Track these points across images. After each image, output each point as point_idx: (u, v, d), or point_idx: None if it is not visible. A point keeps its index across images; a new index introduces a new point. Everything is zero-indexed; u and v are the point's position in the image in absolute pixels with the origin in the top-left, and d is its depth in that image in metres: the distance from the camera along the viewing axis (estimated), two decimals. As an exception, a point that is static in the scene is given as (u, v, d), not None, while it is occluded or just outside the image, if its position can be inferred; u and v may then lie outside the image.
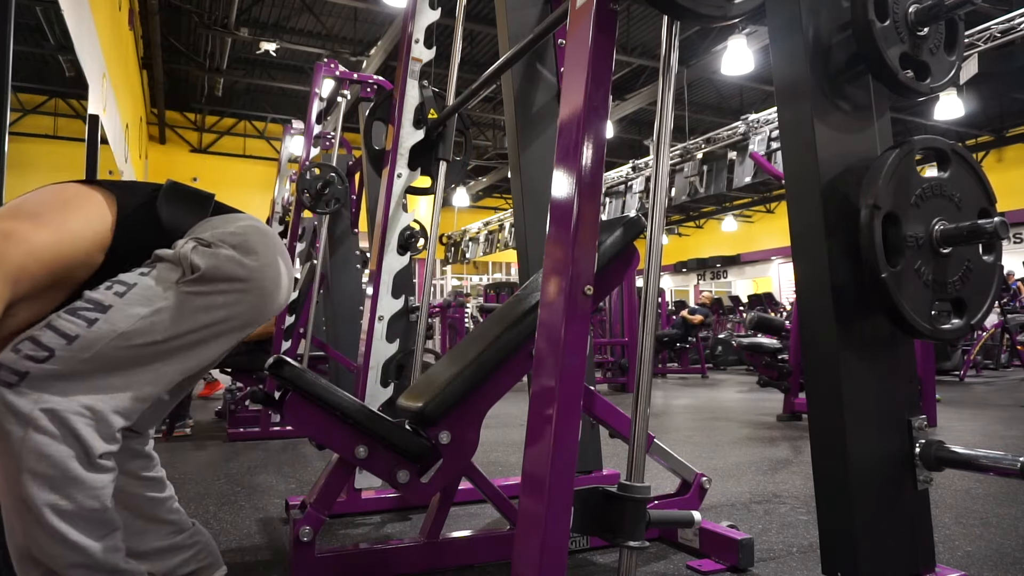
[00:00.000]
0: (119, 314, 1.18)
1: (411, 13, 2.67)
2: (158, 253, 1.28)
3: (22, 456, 1.09)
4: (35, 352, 1.12)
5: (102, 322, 1.17)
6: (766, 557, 1.78)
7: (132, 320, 1.19)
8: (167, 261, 1.27)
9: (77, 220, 1.24)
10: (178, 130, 14.69)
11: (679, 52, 1.22)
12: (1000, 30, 7.62)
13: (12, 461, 1.10)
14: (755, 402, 5.90)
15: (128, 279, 1.23)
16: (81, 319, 1.16)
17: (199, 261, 1.25)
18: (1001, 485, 2.53)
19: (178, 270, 1.25)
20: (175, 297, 1.23)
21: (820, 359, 1.35)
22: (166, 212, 1.36)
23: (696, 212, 19.82)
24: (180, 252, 1.26)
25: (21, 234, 1.15)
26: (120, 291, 1.21)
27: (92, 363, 1.15)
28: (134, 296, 1.21)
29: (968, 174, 1.40)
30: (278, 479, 2.85)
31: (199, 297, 1.25)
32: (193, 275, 1.24)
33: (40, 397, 1.11)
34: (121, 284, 1.22)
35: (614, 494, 1.11)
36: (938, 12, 1.35)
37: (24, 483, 1.09)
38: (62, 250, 1.21)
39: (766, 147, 9.45)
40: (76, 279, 1.25)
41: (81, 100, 5.97)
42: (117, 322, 1.18)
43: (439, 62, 2.96)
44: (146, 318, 1.20)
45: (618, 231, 1.55)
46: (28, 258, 1.14)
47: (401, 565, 1.68)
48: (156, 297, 1.22)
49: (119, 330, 1.17)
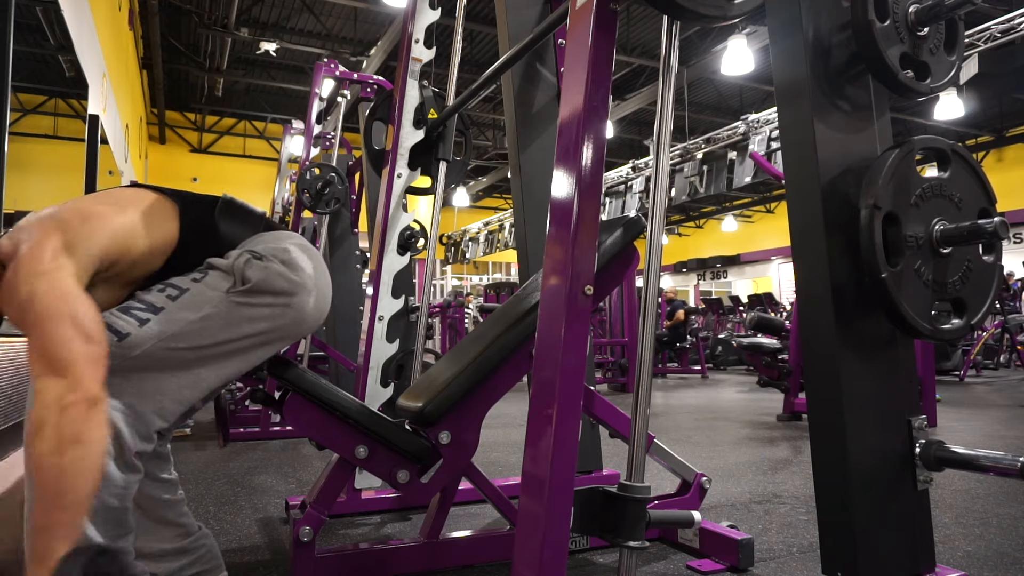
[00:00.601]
0: (169, 317, 1.22)
1: (411, 13, 2.68)
2: (211, 262, 1.32)
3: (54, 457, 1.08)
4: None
5: (153, 323, 1.20)
6: (766, 557, 1.78)
7: (181, 324, 1.22)
8: (219, 270, 1.31)
9: (151, 220, 1.30)
10: (178, 130, 14.68)
11: (679, 52, 1.22)
12: (1000, 30, 7.62)
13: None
14: (755, 402, 5.90)
15: (180, 283, 1.27)
16: (133, 318, 1.20)
17: (251, 273, 1.29)
18: (1001, 485, 2.53)
19: (229, 280, 1.30)
20: (224, 305, 1.27)
21: (820, 359, 1.35)
22: (223, 225, 1.40)
23: (696, 212, 19.82)
24: (234, 264, 1.30)
25: (108, 216, 1.23)
26: (172, 295, 1.25)
27: (138, 362, 1.18)
28: (185, 301, 1.25)
29: (968, 174, 1.40)
30: (278, 479, 2.85)
31: (247, 308, 1.29)
32: (244, 286, 1.28)
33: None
34: (173, 288, 1.26)
35: (614, 494, 1.11)
36: (938, 12, 1.35)
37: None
38: (136, 243, 1.26)
39: (766, 147, 9.45)
40: (134, 278, 1.29)
41: (81, 100, 5.96)
42: (167, 324, 1.21)
43: (439, 62, 2.97)
44: (195, 323, 1.23)
45: (618, 231, 1.55)
46: (111, 239, 1.21)
47: (401, 565, 1.68)
48: (206, 303, 1.26)
49: (168, 332, 1.21)
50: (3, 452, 3.43)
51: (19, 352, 3.76)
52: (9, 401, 3.50)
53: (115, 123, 7.35)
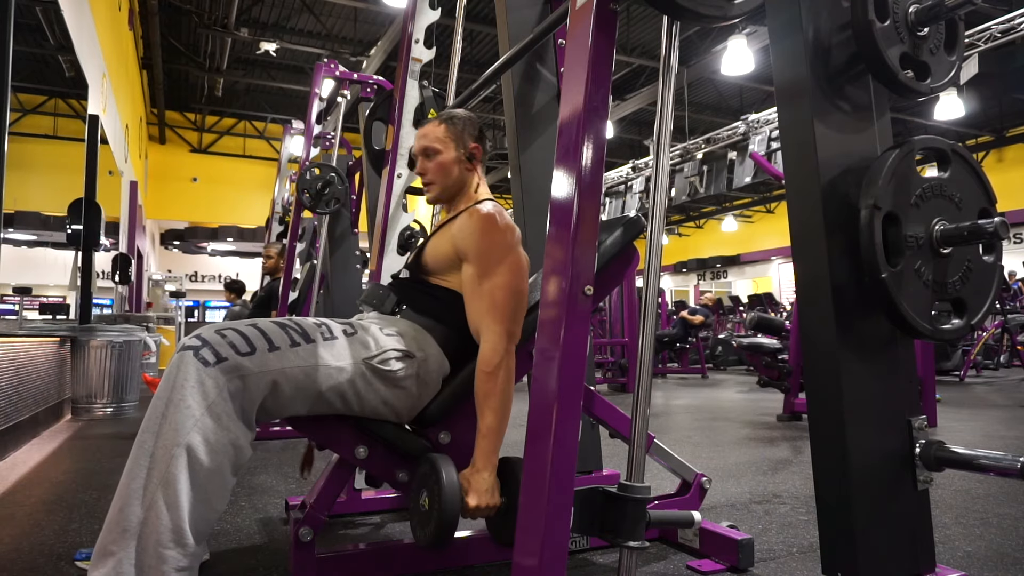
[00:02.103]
0: (317, 351, 1.38)
1: (411, 13, 2.68)
2: (361, 323, 1.51)
3: (190, 435, 1.20)
4: (239, 343, 1.29)
5: (301, 349, 1.36)
6: (766, 557, 1.78)
7: (321, 363, 1.38)
8: (366, 335, 1.48)
9: None
10: (178, 130, 14.68)
11: (679, 52, 1.22)
12: (1000, 30, 7.62)
13: (175, 435, 1.20)
14: (755, 402, 5.90)
15: (334, 330, 1.45)
16: (287, 335, 1.36)
17: (398, 368, 1.48)
18: (1001, 485, 2.53)
19: (370, 350, 1.46)
20: (355, 369, 1.42)
21: (820, 359, 1.35)
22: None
23: (696, 212, 19.81)
24: (382, 343, 1.48)
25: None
26: (326, 335, 1.42)
27: (273, 375, 1.31)
28: (332, 347, 1.41)
29: (968, 174, 1.40)
30: (278, 479, 2.85)
31: (372, 381, 1.45)
32: (382, 366, 1.46)
33: (228, 385, 1.25)
34: (327, 329, 1.44)
35: (614, 494, 1.11)
36: (938, 12, 1.35)
37: (176, 457, 1.19)
38: None
39: (766, 147, 9.46)
40: None
41: (81, 100, 5.96)
42: (311, 358, 1.37)
43: (439, 62, 2.97)
44: (327, 368, 1.38)
45: (618, 231, 1.55)
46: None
47: (401, 565, 1.68)
48: (343, 358, 1.41)
49: (309, 364, 1.36)
50: (3, 452, 3.42)
51: (19, 353, 3.76)
52: (9, 401, 3.50)
53: (115, 123, 7.35)
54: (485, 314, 1.47)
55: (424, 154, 1.67)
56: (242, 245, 15.50)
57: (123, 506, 1.19)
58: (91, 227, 5.35)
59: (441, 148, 1.65)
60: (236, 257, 16.32)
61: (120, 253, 7.76)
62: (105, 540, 1.18)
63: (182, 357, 1.26)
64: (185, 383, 1.23)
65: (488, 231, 1.52)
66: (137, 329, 5.37)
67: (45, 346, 4.36)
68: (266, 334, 1.34)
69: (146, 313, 9.54)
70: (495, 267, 1.50)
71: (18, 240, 9.40)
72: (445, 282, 1.61)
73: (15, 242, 9.32)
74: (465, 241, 1.54)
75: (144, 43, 10.30)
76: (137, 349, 5.23)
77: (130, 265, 7.78)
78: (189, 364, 1.25)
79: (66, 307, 7.89)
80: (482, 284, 1.49)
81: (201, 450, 1.21)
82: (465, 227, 1.55)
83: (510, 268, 1.51)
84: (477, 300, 1.50)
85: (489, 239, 1.52)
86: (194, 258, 16.47)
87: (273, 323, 1.38)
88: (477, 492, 1.36)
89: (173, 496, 1.18)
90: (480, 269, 1.51)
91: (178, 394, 1.22)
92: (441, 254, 1.60)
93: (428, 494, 1.36)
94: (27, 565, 1.76)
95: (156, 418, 1.23)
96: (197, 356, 1.26)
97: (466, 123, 1.68)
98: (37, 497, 2.55)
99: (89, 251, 5.41)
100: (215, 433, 1.23)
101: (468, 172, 1.68)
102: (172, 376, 1.25)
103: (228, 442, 1.24)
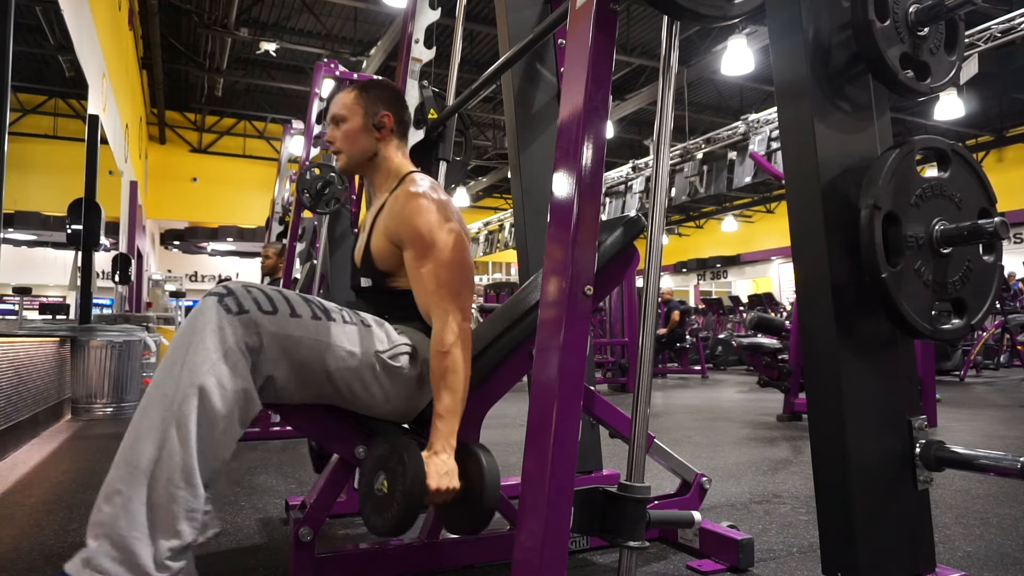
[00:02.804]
0: (333, 330, 1.38)
1: (411, 13, 2.68)
2: (379, 320, 1.51)
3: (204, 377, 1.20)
4: (262, 301, 1.30)
5: (321, 324, 1.36)
6: (766, 557, 1.78)
7: (335, 343, 1.37)
8: (381, 331, 1.48)
9: None
10: (178, 130, 14.69)
11: (679, 52, 1.22)
12: (1000, 30, 7.62)
13: (190, 375, 1.20)
14: (755, 402, 5.90)
15: (351, 317, 1.45)
16: (310, 308, 1.36)
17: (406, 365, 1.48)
18: (1001, 485, 2.53)
19: (383, 344, 1.46)
20: (365, 359, 1.42)
21: (820, 359, 1.35)
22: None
23: (696, 212, 19.82)
24: (393, 339, 1.49)
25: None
26: (345, 319, 1.42)
27: (289, 341, 1.31)
28: (349, 331, 1.41)
29: (968, 174, 1.40)
30: (278, 479, 2.85)
31: (380, 376, 1.45)
32: (392, 361, 1.45)
33: (246, 338, 1.25)
34: (348, 314, 1.44)
35: (614, 494, 1.11)
36: (938, 12, 1.35)
37: (189, 397, 1.19)
38: None
39: (766, 147, 9.46)
40: None
41: (81, 100, 5.96)
42: (327, 335, 1.37)
43: (439, 62, 2.97)
44: (341, 350, 1.38)
45: (618, 231, 1.55)
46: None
47: (401, 565, 1.68)
48: (356, 345, 1.41)
49: (324, 340, 1.36)
50: (3, 452, 3.42)
51: (19, 353, 3.76)
52: (9, 401, 3.50)
53: (115, 123, 7.35)
54: (432, 295, 1.46)
55: (333, 122, 1.65)
56: (242, 245, 15.50)
57: (133, 443, 1.18)
58: (91, 227, 5.36)
59: (348, 116, 1.63)
60: (236, 257, 16.33)
61: (120, 253, 7.76)
62: (112, 479, 1.17)
63: (206, 302, 1.27)
64: (206, 327, 1.23)
65: (417, 212, 1.50)
66: (137, 329, 5.37)
67: (45, 346, 4.36)
68: (289, 301, 1.34)
69: (146, 313, 9.54)
70: (431, 247, 1.48)
71: (18, 240, 9.40)
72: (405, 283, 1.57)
73: (15, 242, 9.32)
74: (398, 228, 1.51)
75: (144, 43, 10.31)
76: (137, 349, 5.23)
77: (130, 265, 7.78)
78: (212, 309, 1.25)
79: (66, 307, 7.89)
80: (423, 266, 1.48)
81: (215, 394, 1.20)
82: (395, 213, 1.53)
83: (448, 244, 1.50)
84: (421, 283, 1.49)
85: (421, 219, 1.49)
86: (194, 258, 16.48)
87: (298, 295, 1.38)
88: (436, 475, 1.32)
89: (185, 435, 1.17)
90: (417, 252, 1.49)
91: (198, 336, 1.22)
92: (383, 251, 1.57)
93: (388, 477, 1.32)
94: (27, 565, 1.76)
95: (173, 358, 1.23)
96: (221, 303, 1.26)
97: (380, 91, 1.65)
98: (37, 497, 2.55)
99: (89, 251, 5.41)
100: (229, 379, 1.22)
101: (377, 142, 1.64)
102: (194, 319, 1.25)
103: (241, 390, 1.24)
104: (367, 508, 1.35)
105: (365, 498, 1.36)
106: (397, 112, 1.67)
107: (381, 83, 1.69)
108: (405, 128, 1.71)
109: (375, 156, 1.66)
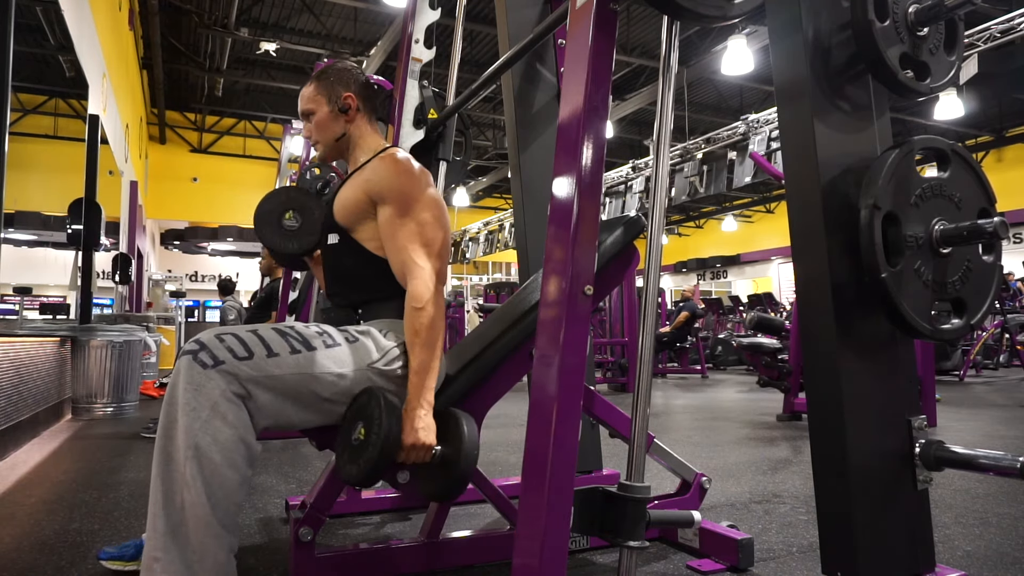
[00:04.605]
0: (317, 359, 1.36)
1: (411, 13, 2.68)
2: (370, 329, 1.49)
3: (198, 436, 1.22)
4: (236, 348, 1.29)
5: (301, 356, 1.35)
6: (766, 557, 1.78)
7: (320, 371, 1.36)
8: (369, 340, 1.46)
9: None
10: (178, 130, 14.68)
11: (679, 52, 1.23)
12: (1000, 30, 7.62)
13: (186, 438, 1.22)
14: (755, 402, 5.90)
15: (335, 337, 1.42)
16: (287, 343, 1.35)
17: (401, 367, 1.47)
18: (1001, 485, 2.53)
19: (374, 355, 1.45)
20: (358, 375, 1.41)
21: (820, 359, 1.35)
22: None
23: (696, 212, 19.81)
24: (383, 345, 1.47)
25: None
26: (328, 342, 1.40)
27: (273, 381, 1.31)
28: (334, 354, 1.39)
29: (968, 174, 1.40)
30: (278, 479, 2.85)
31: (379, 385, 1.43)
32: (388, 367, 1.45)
33: (229, 387, 1.26)
34: (329, 337, 1.41)
35: (614, 494, 1.11)
36: (938, 12, 1.35)
37: (189, 459, 1.21)
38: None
39: (766, 147, 9.44)
40: None
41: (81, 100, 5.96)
42: (311, 365, 1.35)
43: (439, 62, 2.96)
44: (328, 376, 1.37)
45: (618, 231, 1.55)
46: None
47: (401, 565, 1.68)
48: (347, 365, 1.40)
49: (308, 372, 1.35)
50: (3, 452, 3.42)
51: (19, 352, 3.76)
52: (9, 401, 3.50)
53: (115, 123, 7.35)
54: (413, 250, 1.47)
55: (304, 117, 1.67)
56: (242, 245, 15.50)
57: (156, 511, 1.23)
58: (91, 227, 5.36)
59: (314, 107, 1.64)
60: (236, 257, 16.32)
61: (120, 253, 7.76)
62: (148, 549, 1.22)
63: (181, 362, 1.29)
64: (188, 387, 1.25)
65: (405, 172, 1.53)
66: (137, 329, 5.37)
67: (45, 346, 4.36)
68: (265, 341, 1.33)
69: (146, 313, 9.54)
70: (414, 203, 1.50)
71: (18, 240, 9.41)
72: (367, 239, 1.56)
73: (15, 242, 9.32)
74: (381, 183, 1.51)
75: (144, 43, 10.30)
76: (137, 349, 5.24)
77: (130, 265, 7.79)
78: (187, 368, 1.27)
79: (66, 307, 7.89)
80: (405, 222, 1.49)
81: (213, 450, 1.23)
82: (379, 169, 1.54)
83: (431, 203, 1.52)
84: (399, 238, 1.48)
85: (407, 178, 1.52)
86: (194, 258, 16.47)
87: (273, 330, 1.38)
88: (412, 429, 1.33)
89: (196, 494, 1.21)
90: (401, 208, 1.50)
91: (183, 398, 1.25)
92: (352, 202, 1.56)
93: (365, 424, 1.32)
94: (27, 565, 1.76)
95: (168, 420, 1.26)
96: (196, 360, 1.27)
97: (338, 76, 1.66)
98: (37, 497, 2.55)
99: (89, 251, 5.41)
100: (224, 431, 1.25)
101: (348, 124, 1.65)
102: (175, 381, 1.28)
103: (238, 439, 1.26)
104: (344, 458, 1.36)
105: (342, 448, 1.37)
106: (359, 90, 1.67)
107: (336, 67, 1.69)
108: (373, 105, 1.70)
109: (349, 138, 1.67)
